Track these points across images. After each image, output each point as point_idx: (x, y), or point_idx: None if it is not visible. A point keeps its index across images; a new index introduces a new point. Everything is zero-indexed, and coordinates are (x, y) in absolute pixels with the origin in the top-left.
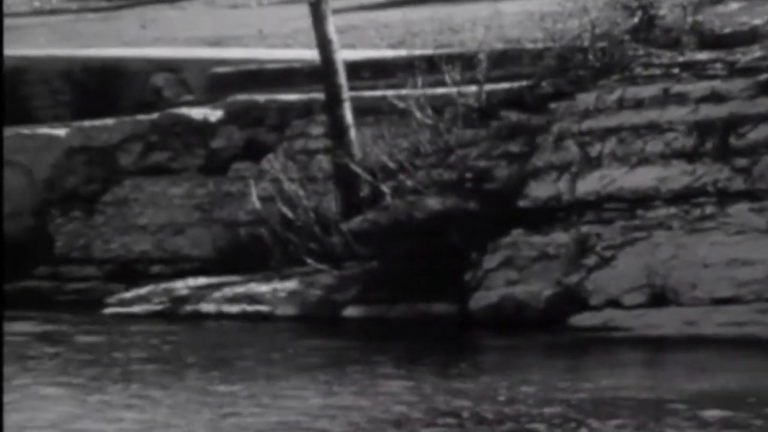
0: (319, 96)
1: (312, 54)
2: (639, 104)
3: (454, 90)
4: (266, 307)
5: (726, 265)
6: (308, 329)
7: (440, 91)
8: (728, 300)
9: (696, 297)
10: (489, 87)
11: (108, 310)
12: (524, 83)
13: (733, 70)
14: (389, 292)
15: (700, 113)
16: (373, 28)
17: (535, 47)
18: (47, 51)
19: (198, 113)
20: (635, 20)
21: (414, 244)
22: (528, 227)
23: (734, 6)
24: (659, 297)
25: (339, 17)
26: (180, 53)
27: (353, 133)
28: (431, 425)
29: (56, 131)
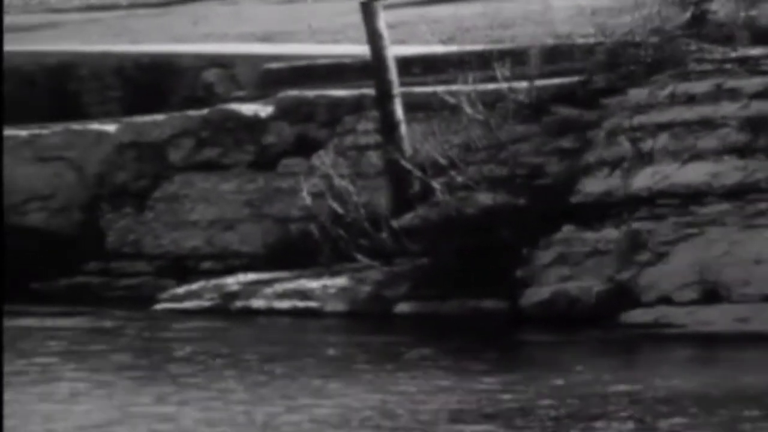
0: (370, 92)
1: (362, 49)
2: (691, 100)
3: (505, 86)
4: (316, 303)
5: None
6: (358, 325)
7: (491, 87)
8: None
9: (748, 294)
10: (540, 82)
11: (159, 306)
12: (576, 79)
13: None
14: (440, 289)
15: (753, 109)
16: (424, 24)
17: (587, 42)
18: (99, 47)
19: (248, 109)
20: (688, 15)
21: (465, 240)
22: (580, 223)
23: None
24: (711, 293)
25: (389, 13)
26: (231, 49)
27: (404, 129)
28: (486, 421)
29: (106, 127)
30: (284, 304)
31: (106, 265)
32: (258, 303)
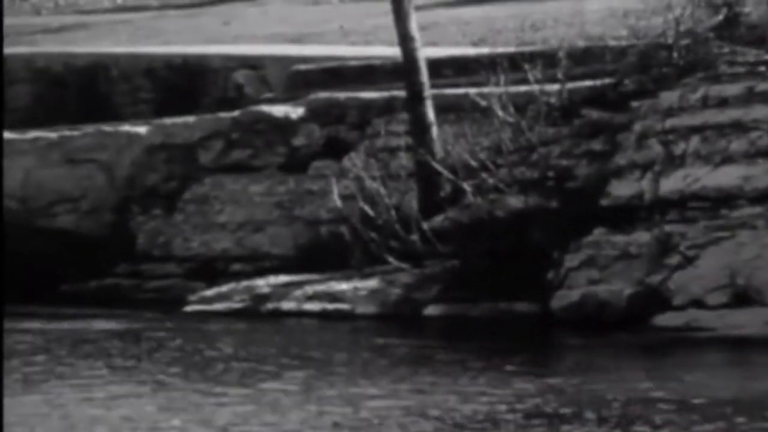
0: (401, 93)
1: (393, 51)
2: (723, 103)
3: (536, 88)
4: (346, 306)
5: None
6: (389, 328)
7: (522, 89)
8: None
9: None
10: (571, 85)
11: (189, 308)
12: (607, 81)
13: None
14: (470, 291)
15: None
16: (455, 26)
17: (618, 44)
18: (129, 48)
19: (279, 111)
20: (720, 17)
21: (495, 243)
22: (610, 226)
23: None
24: (742, 297)
25: (420, 14)
26: (261, 50)
27: (435, 131)
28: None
29: (137, 128)
30: (314, 306)
31: (136, 267)
32: (288, 305)
